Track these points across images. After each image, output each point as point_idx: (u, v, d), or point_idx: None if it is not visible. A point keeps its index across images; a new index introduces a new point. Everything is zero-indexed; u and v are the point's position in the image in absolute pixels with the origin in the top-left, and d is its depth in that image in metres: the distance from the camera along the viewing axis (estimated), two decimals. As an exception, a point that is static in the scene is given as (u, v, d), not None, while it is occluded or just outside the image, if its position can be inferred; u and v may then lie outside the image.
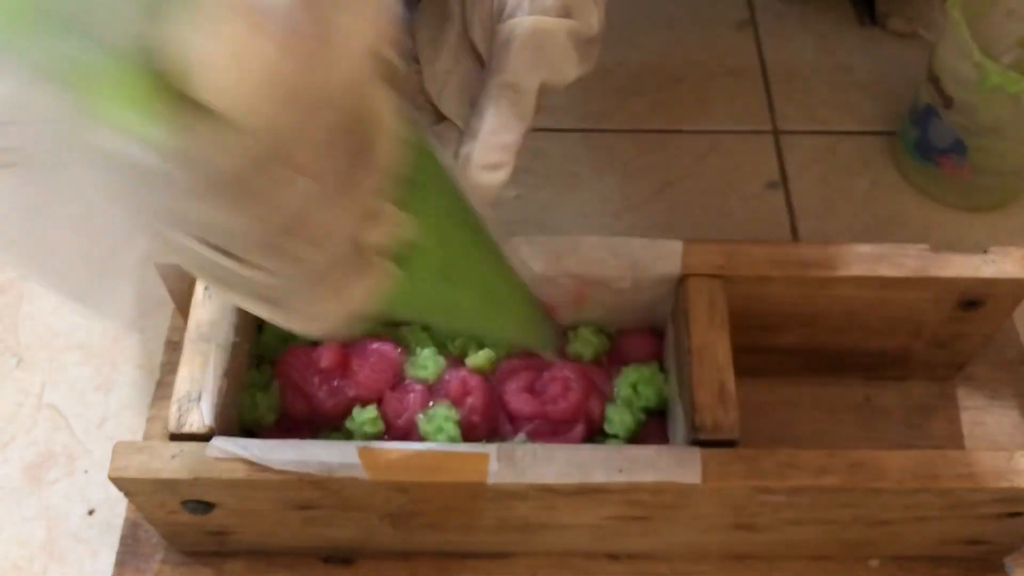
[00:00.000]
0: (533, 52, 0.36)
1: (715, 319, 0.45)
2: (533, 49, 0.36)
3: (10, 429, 0.55)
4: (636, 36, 0.75)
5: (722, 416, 0.43)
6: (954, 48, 0.57)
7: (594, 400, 0.48)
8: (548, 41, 0.36)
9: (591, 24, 0.38)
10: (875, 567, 0.50)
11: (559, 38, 0.36)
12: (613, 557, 0.50)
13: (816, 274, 0.47)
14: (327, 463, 0.41)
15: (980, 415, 0.55)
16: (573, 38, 0.37)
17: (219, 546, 0.49)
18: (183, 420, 0.42)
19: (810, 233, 0.63)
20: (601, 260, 0.47)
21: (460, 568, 0.49)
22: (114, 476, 0.41)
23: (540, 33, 0.36)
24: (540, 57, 0.36)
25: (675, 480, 0.41)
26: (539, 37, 0.36)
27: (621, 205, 0.65)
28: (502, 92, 0.36)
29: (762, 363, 0.53)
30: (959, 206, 0.65)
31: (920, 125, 0.63)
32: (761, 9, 0.77)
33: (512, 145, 0.36)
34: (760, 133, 0.69)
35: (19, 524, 0.52)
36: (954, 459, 0.42)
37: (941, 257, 0.47)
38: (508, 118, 0.36)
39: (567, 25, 0.37)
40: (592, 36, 0.38)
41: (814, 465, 0.42)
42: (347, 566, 0.49)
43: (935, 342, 0.52)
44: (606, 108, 0.70)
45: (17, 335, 0.58)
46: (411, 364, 0.48)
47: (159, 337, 0.57)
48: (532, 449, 0.42)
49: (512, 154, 0.36)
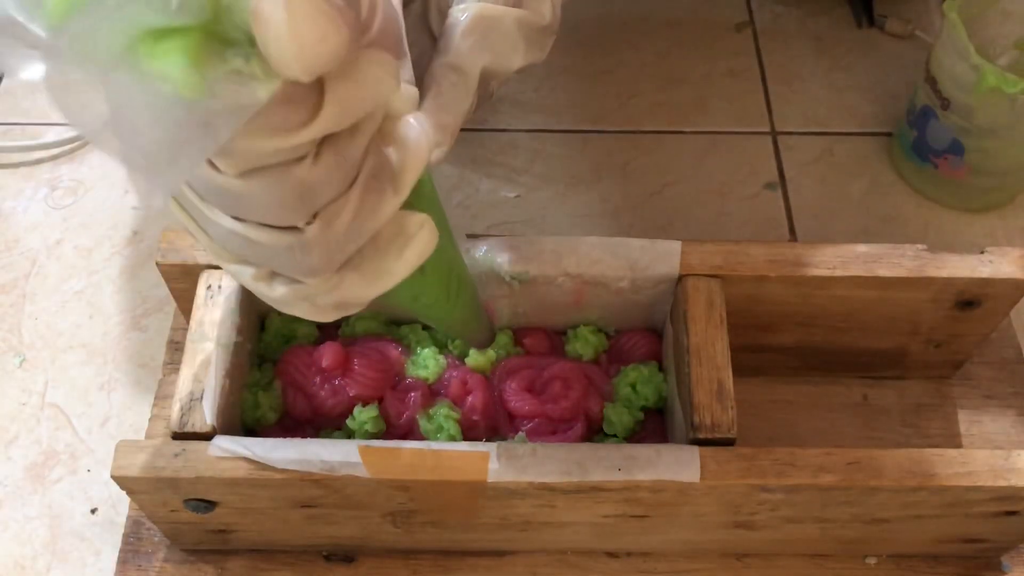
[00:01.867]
0: (478, 37, 0.37)
1: (713, 319, 0.46)
2: (478, 34, 0.37)
3: (13, 428, 0.55)
4: (636, 37, 0.75)
5: (720, 415, 0.43)
6: (951, 50, 0.57)
7: (593, 399, 0.48)
8: (494, 28, 0.37)
9: (542, 14, 0.39)
10: (873, 565, 0.50)
11: (506, 25, 0.38)
12: (612, 555, 0.50)
13: (814, 274, 0.47)
14: (328, 462, 0.41)
15: (977, 414, 0.55)
16: (522, 26, 0.38)
17: (221, 544, 0.49)
18: (185, 419, 0.42)
19: (808, 233, 0.64)
20: (600, 260, 0.47)
21: (460, 566, 0.50)
22: (116, 475, 0.42)
23: (486, 19, 0.37)
24: (484, 42, 0.37)
25: (674, 479, 0.41)
26: (485, 23, 0.37)
27: (621, 205, 0.65)
28: (444, 73, 0.37)
29: (760, 362, 0.54)
30: (956, 206, 0.65)
31: (917, 126, 0.63)
32: (760, 11, 0.77)
33: (449, 125, 0.37)
34: (758, 134, 0.69)
35: (22, 523, 0.52)
36: (951, 458, 0.43)
37: (938, 257, 0.48)
38: (448, 99, 0.37)
39: (515, 13, 0.38)
40: (543, 26, 0.39)
41: (812, 464, 0.42)
42: (348, 564, 0.50)
43: (932, 342, 0.52)
44: (606, 108, 0.71)
45: (20, 335, 0.59)
46: (412, 363, 0.48)
47: (161, 337, 0.58)
48: (532, 448, 0.42)
49: (449, 134, 0.37)
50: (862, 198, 0.66)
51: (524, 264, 0.47)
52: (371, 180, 0.28)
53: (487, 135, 0.69)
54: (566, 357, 0.50)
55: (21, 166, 0.67)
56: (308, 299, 0.30)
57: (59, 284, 0.61)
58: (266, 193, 0.26)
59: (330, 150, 0.26)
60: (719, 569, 0.50)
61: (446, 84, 0.37)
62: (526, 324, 0.51)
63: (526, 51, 0.39)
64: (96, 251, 0.63)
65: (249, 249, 0.28)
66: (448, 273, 0.37)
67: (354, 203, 0.27)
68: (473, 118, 0.37)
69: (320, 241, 0.27)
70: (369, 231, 0.29)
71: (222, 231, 0.28)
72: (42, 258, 0.62)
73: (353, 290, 0.30)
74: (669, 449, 0.42)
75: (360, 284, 0.29)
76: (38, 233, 0.63)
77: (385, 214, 0.28)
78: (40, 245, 0.63)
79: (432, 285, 0.36)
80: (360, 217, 0.28)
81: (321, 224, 0.27)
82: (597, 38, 0.75)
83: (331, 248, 0.28)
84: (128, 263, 0.62)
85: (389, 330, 0.50)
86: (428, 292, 0.36)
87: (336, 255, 0.28)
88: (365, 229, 0.28)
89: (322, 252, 0.28)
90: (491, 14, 0.37)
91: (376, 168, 0.28)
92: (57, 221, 0.64)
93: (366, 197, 0.28)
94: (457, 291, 0.38)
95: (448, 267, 0.37)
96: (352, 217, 0.27)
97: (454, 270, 0.37)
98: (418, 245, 0.30)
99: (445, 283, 0.37)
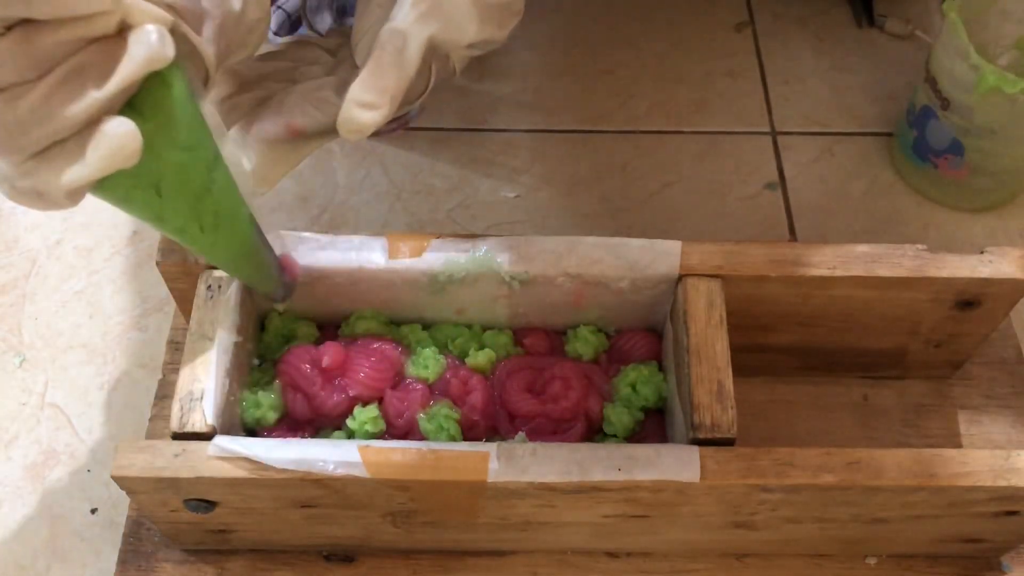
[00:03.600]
0: (428, 5, 0.38)
1: (713, 319, 0.46)
2: (428, 2, 0.38)
3: (13, 428, 0.55)
4: (636, 37, 0.75)
5: (720, 415, 0.43)
6: (951, 50, 0.57)
7: (593, 399, 0.48)
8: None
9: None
10: (873, 565, 0.50)
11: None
12: (612, 555, 0.50)
13: (814, 274, 0.47)
14: (328, 462, 0.41)
15: (977, 414, 0.55)
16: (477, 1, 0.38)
17: (221, 544, 0.49)
18: (185, 419, 0.42)
19: (808, 233, 0.64)
20: (600, 260, 0.47)
21: (460, 566, 0.50)
22: (116, 475, 0.42)
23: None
24: (434, 11, 0.38)
25: (674, 479, 0.41)
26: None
27: (621, 205, 0.65)
28: (390, 39, 0.38)
29: (760, 362, 0.54)
30: (956, 207, 0.65)
31: (917, 126, 0.63)
32: (760, 11, 0.77)
33: (388, 89, 0.37)
34: (758, 134, 0.69)
35: (22, 523, 0.52)
36: (951, 458, 0.43)
37: (938, 257, 0.48)
38: (389, 63, 0.37)
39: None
40: (501, 3, 0.39)
41: (812, 464, 0.42)
42: (348, 564, 0.50)
43: (932, 342, 0.52)
44: (606, 109, 0.71)
45: (20, 335, 0.59)
46: (412, 363, 0.48)
47: (161, 337, 0.58)
48: (532, 448, 0.42)
49: (387, 98, 0.37)
50: (862, 198, 0.66)
51: (524, 264, 0.47)
52: (71, 74, 0.29)
53: (487, 135, 0.69)
54: (566, 357, 0.50)
55: (21, 166, 0.67)
56: (8, 181, 0.31)
57: (59, 284, 0.61)
58: None
59: (19, 35, 0.28)
60: (719, 569, 0.50)
61: (389, 48, 0.37)
62: (526, 324, 0.51)
63: (481, 26, 0.39)
64: (96, 251, 0.63)
65: None
66: (196, 201, 0.37)
67: (43, 89, 0.29)
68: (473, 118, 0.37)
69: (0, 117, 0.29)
70: (64, 123, 0.30)
71: None
72: (42, 258, 0.62)
73: (46, 178, 0.31)
74: (669, 449, 0.42)
75: (51, 172, 0.30)
76: (38, 233, 0.63)
77: (80, 109, 0.29)
78: (40, 245, 0.63)
79: (174, 210, 0.37)
80: (49, 105, 0.29)
81: (1, 99, 0.29)
82: (597, 38, 0.75)
83: (13, 127, 0.29)
84: (128, 263, 0.62)
85: (389, 330, 0.50)
86: (172, 216, 0.37)
87: (21, 137, 0.30)
88: (57, 118, 0.29)
89: (3, 128, 0.29)
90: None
91: (81, 65, 0.29)
92: (57, 221, 0.64)
93: (60, 88, 0.29)
94: (214, 226, 0.39)
95: (196, 195, 0.37)
96: (39, 103, 0.29)
97: (208, 202, 0.38)
98: (107, 144, 0.30)
99: (193, 212, 0.38)
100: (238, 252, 0.42)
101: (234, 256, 0.43)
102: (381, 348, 0.48)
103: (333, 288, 0.48)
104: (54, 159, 0.30)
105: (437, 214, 0.65)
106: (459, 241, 0.48)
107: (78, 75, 0.29)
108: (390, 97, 0.37)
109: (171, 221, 0.37)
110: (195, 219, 0.38)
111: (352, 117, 0.37)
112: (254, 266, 0.44)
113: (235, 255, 0.43)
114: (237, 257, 0.43)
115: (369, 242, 0.48)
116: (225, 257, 0.43)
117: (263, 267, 0.45)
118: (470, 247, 0.48)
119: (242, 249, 0.42)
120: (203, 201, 0.38)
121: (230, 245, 0.41)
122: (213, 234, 0.39)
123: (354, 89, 0.37)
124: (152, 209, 0.36)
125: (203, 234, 0.39)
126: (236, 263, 0.44)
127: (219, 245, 0.41)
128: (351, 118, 0.37)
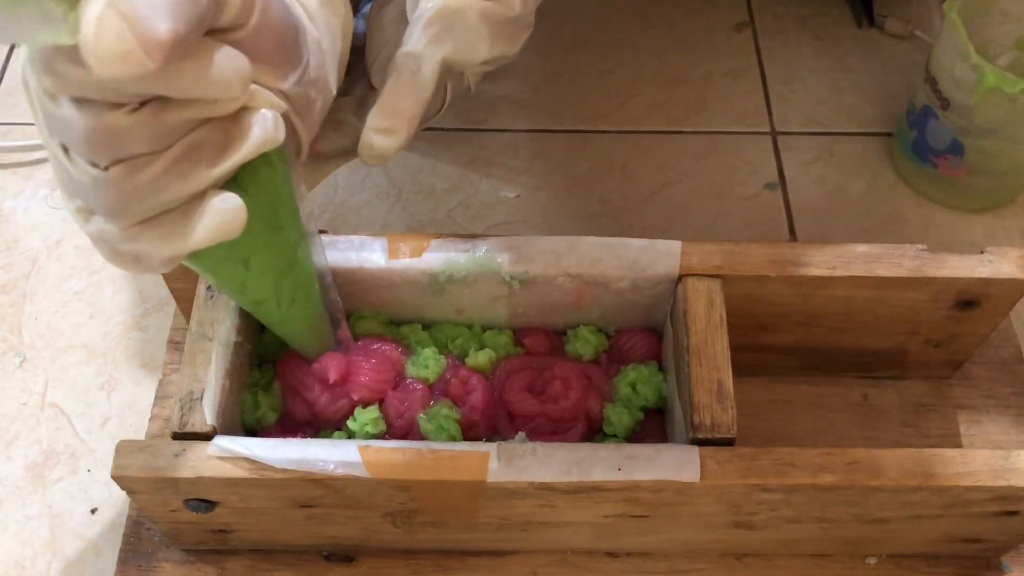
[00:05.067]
0: (439, 29, 0.38)
1: (713, 319, 0.46)
2: (439, 25, 0.38)
3: (13, 428, 0.55)
4: (636, 37, 0.75)
5: (720, 415, 0.43)
6: (951, 50, 0.57)
7: (593, 399, 0.48)
8: (457, 19, 0.38)
9: (510, 5, 0.39)
10: (873, 565, 0.50)
11: (469, 17, 0.38)
12: (612, 555, 0.50)
13: (814, 274, 0.47)
14: (329, 462, 0.41)
15: (977, 414, 0.55)
16: (488, 18, 0.39)
17: (221, 544, 0.49)
18: (185, 419, 0.42)
19: (808, 233, 0.64)
20: (600, 260, 0.47)
21: (461, 566, 0.50)
22: (117, 475, 0.42)
23: (449, 11, 0.38)
24: (445, 34, 0.38)
25: (674, 479, 0.42)
26: (447, 14, 0.38)
27: (621, 205, 0.65)
28: (404, 62, 0.38)
29: (760, 362, 0.54)
30: (956, 207, 0.65)
31: (917, 126, 0.63)
32: (760, 11, 0.77)
33: (406, 112, 0.38)
34: (758, 134, 0.69)
35: (22, 523, 0.52)
36: (951, 458, 0.43)
37: (938, 257, 0.48)
38: (404, 87, 0.38)
39: (480, 6, 0.38)
40: (512, 18, 0.40)
41: (812, 464, 0.42)
42: (348, 564, 0.50)
43: (932, 342, 0.52)
44: (606, 109, 0.71)
45: (20, 335, 0.59)
46: (412, 364, 0.48)
47: (161, 336, 0.58)
48: (532, 448, 0.42)
49: (405, 121, 0.38)
50: (862, 198, 0.66)
51: (524, 264, 0.47)
52: (191, 150, 0.30)
53: (487, 135, 0.69)
54: (566, 357, 0.50)
55: (21, 166, 0.67)
56: (110, 243, 0.32)
57: (59, 284, 0.61)
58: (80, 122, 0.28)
59: (151, 110, 0.28)
60: (719, 569, 0.50)
61: (404, 72, 0.38)
62: (526, 324, 0.51)
63: (492, 43, 0.39)
64: (96, 251, 0.63)
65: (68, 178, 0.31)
66: (278, 277, 0.39)
67: (164, 162, 0.29)
68: (473, 118, 0.38)
69: (119, 185, 0.29)
70: (175, 194, 0.30)
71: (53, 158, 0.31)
72: (42, 258, 0.62)
73: (149, 244, 0.31)
74: (669, 449, 0.43)
75: (154, 240, 0.31)
76: (38, 233, 0.63)
77: (194, 183, 0.30)
78: (40, 245, 0.63)
79: (257, 284, 0.38)
80: (167, 178, 0.30)
81: (123, 169, 0.29)
82: (597, 38, 0.75)
83: (130, 195, 0.30)
84: (128, 263, 0.62)
85: (389, 330, 0.50)
86: (253, 289, 0.38)
87: (135, 205, 0.30)
88: (171, 190, 0.30)
89: (120, 196, 0.30)
90: (455, 6, 0.38)
91: (200, 142, 0.30)
92: (57, 221, 0.64)
93: (179, 162, 0.30)
94: (290, 302, 0.40)
95: (279, 271, 0.38)
96: (158, 174, 0.29)
97: (289, 280, 0.39)
98: (214, 219, 0.31)
99: (274, 287, 0.39)
100: (306, 327, 0.44)
101: (301, 330, 0.44)
102: (382, 349, 0.48)
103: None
104: (159, 227, 0.31)
105: (437, 214, 0.65)
106: (459, 241, 0.48)
107: (196, 150, 0.30)
108: (407, 121, 0.38)
109: (251, 294, 0.39)
110: (275, 294, 0.39)
111: (372, 143, 0.38)
112: (317, 339, 0.46)
113: (303, 330, 0.44)
114: (304, 331, 0.44)
115: (369, 242, 0.48)
116: (293, 330, 0.44)
117: (324, 340, 0.46)
118: (470, 247, 0.48)
119: (310, 324, 0.44)
120: (285, 277, 0.39)
121: (301, 320, 0.43)
122: (288, 309, 0.41)
123: (372, 116, 0.38)
124: (237, 280, 0.37)
125: (278, 308, 0.40)
126: (302, 336, 0.45)
127: (290, 319, 0.42)
128: (371, 144, 0.38)
